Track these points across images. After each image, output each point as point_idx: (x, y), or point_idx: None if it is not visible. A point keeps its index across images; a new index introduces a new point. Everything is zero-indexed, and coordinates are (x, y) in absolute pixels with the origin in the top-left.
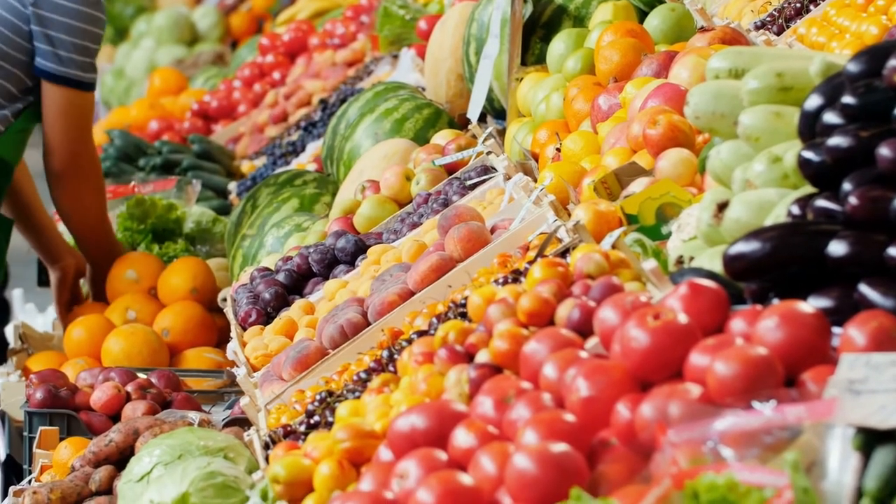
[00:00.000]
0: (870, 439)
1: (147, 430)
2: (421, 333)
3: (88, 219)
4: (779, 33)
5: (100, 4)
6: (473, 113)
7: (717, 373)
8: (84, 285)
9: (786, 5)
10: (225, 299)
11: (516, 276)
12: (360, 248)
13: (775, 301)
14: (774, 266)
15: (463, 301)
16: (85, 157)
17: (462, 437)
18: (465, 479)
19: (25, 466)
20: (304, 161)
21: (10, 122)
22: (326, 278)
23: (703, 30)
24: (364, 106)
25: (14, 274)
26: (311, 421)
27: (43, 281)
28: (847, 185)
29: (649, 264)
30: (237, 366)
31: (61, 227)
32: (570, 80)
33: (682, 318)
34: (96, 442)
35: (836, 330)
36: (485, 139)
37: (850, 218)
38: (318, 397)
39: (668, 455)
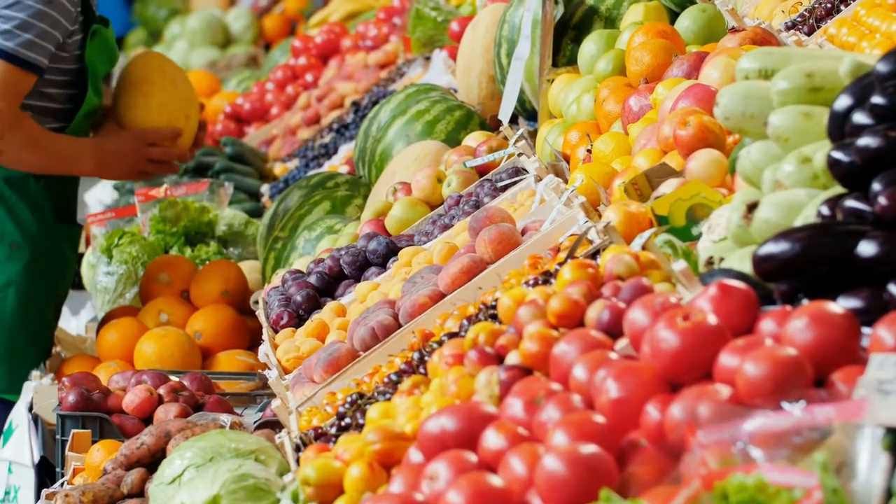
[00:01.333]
0: None
1: (178, 433)
2: (451, 335)
3: (44, 166)
4: (809, 33)
5: None
6: (505, 115)
7: (747, 373)
8: None
9: (816, 5)
10: (257, 302)
11: (546, 277)
12: (392, 250)
13: (805, 301)
14: (804, 267)
15: (493, 303)
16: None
17: (492, 439)
18: (495, 480)
19: (58, 469)
20: (337, 163)
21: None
22: (358, 280)
23: (733, 30)
24: (396, 108)
25: None
26: (342, 423)
27: (76, 283)
28: (877, 186)
29: (679, 265)
30: (269, 368)
31: None
32: (601, 81)
33: (712, 319)
34: (128, 445)
35: (865, 330)
36: (516, 141)
37: (879, 218)
38: (348, 399)
39: (698, 456)
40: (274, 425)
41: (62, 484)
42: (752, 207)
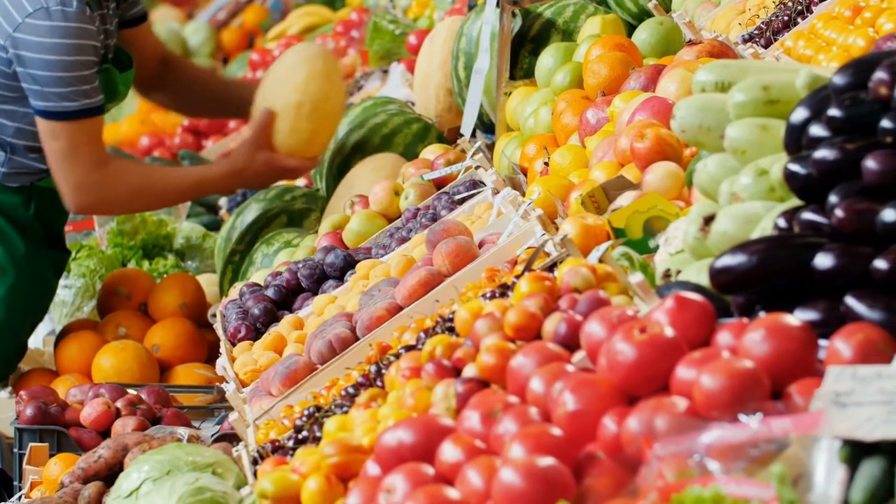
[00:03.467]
0: (856, 452)
1: (136, 446)
2: (409, 348)
3: (161, 206)
4: (766, 46)
5: (70, 30)
6: (466, 128)
7: (704, 386)
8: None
9: (773, 18)
10: (215, 315)
11: (504, 290)
12: (349, 263)
13: (762, 314)
14: (761, 279)
15: (450, 315)
16: (103, 184)
17: (449, 452)
18: (452, 493)
19: (16, 483)
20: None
21: None
22: (315, 293)
23: (690, 43)
24: (353, 121)
25: None
26: (300, 436)
27: None
28: (833, 198)
29: (636, 278)
30: (226, 381)
31: None
32: (559, 94)
33: (669, 332)
34: (85, 458)
35: (822, 342)
36: (473, 154)
37: (836, 230)
38: (306, 412)
39: (655, 468)
40: (231, 438)
41: (20, 497)
42: (708, 220)
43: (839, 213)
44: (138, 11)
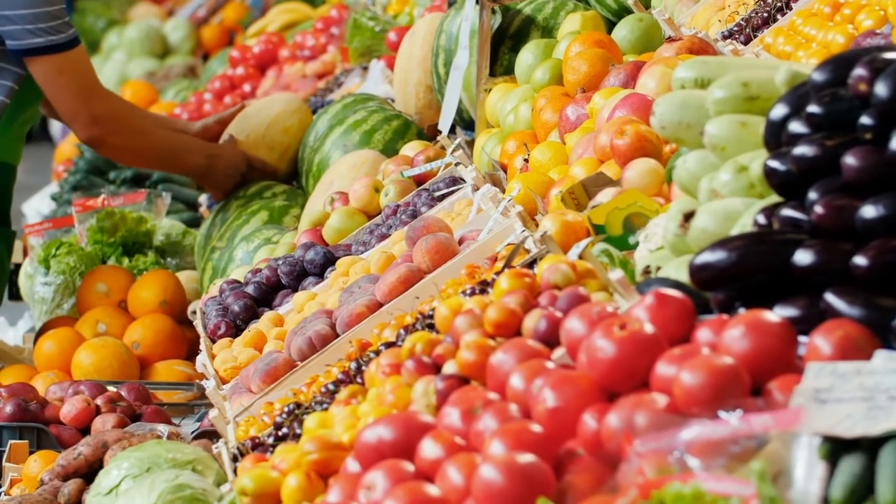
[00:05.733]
0: (836, 448)
1: (116, 444)
2: (388, 345)
3: (152, 156)
4: (746, 43)
5: None
6: (445, 125)
7: (684, 382)
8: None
9: (753, 15)
10: (195, 312)
11: (484, 287)
12: (329, 260)
13: (741, 310)
14: (740, 275)
15: (430, 312)
16: (105, 111)
17: (429, 449)
18: (433, 490)
19: None
20: None
21: None
22: (296, 290)
23: (670, 40)
24: (333, 118)
25: None
26: (280, 433)
27: (13, 294)
28: (813, 195)
29: (616, 274)
30: (206, 378)
31: None
32: (539, 90)
33: (649, 328)
34: (65, 455)
35: (802, 339)
36: (453, 150)
37: (815, 227)
38: (286, 409)
39: (635, 465)
40: (211, 435)
41: None
42: (688, 216)
43: (819, 209)
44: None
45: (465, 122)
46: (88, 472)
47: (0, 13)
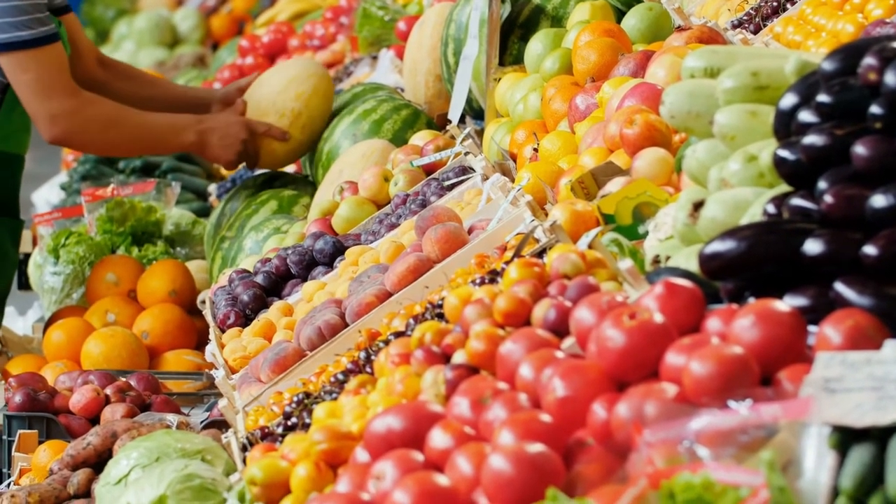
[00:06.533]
0: (845, 438)
1: (125, 433)
2: (398, 334)
3: (133, 146)
4: (755, 32)
5: None
6: (455, 114)
7: (693, 372)
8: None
9: (762, 4)
10: (204, 301)
11: (493, 276)
12: (339, 250)
13: (751, 300)
14: (750, 265)
15: (440, 302)
16: (65, 109)
17: (438, 438)
18: (442, 479)
19: (5, 470)
20: None
21: None
22: (305, 280)
23: (680, 29)
24: (342, 107)
25: None
26: (289, 423)
27: (23, 284)
28: (822, 184)
29: (625, 264)
30: (216, 368)
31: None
32: (548, 80)
33: (658, 318)
34: (74, 445)
35: (811, 328)
36: (463, 140)
37: (825, 216)
38: (295, 399)
39: (644, 455)
40: (221, 425)
41: (9, 485)
42: (698, 206)
43: (828, 198)
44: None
45: (474, 112)
46: (98, 461)
47: None
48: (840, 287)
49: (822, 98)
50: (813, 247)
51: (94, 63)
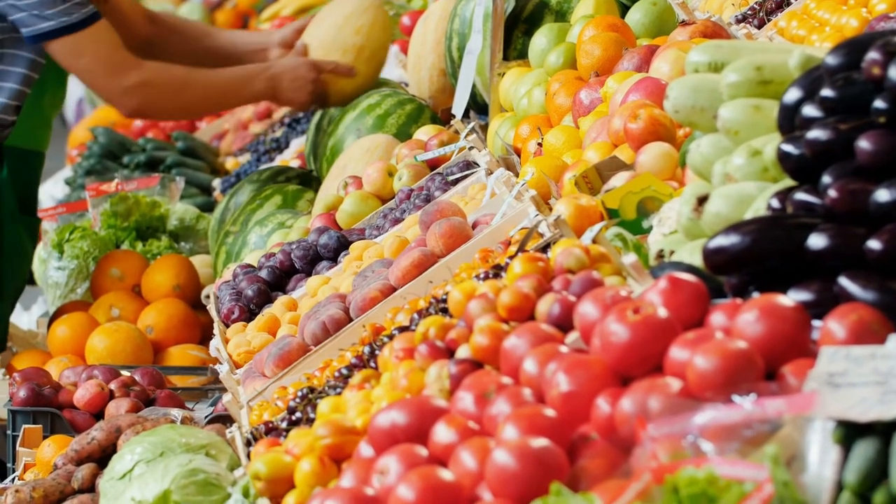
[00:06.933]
0: (850, 432)
1: (129, 428)
2: (402, 329)
3: (205, 105)
4: (759, 27)
5: None
6: (458, 109)
7: (697, 367)
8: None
9: None
10: (208, 296)
11: (497, 271)
12: (343, 245)
13: (755, 294)
14: (754, 259)
15: (444, 296)
16: (136, 80)
17: (442, 433)
18: (446, 474)
19: (9, 465)
20: (288, 157)
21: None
22: (309, 275)
23: (684, 24)
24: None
25: None
26: (293, 417)
27: (28, 279)
28: (826, 178)
29: (629, 258)
30: (220, 363)
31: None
32: (552, 74)
33: (662, 313)
34: (79, 440)
35: (815, 323)
36: (467, 134)
37: (829, 211)
38: (299, 394)
39: (648, 449)
40: (225, 420)
41: (13, 480)
42: (702, 200)
43: (832, 193)
44: None
45: (478, 106)
46: (102, 456)
47: (7, 1)
48: (844, 282)
49: (826, 93)
50: (817, 241)
51: (144, 22)
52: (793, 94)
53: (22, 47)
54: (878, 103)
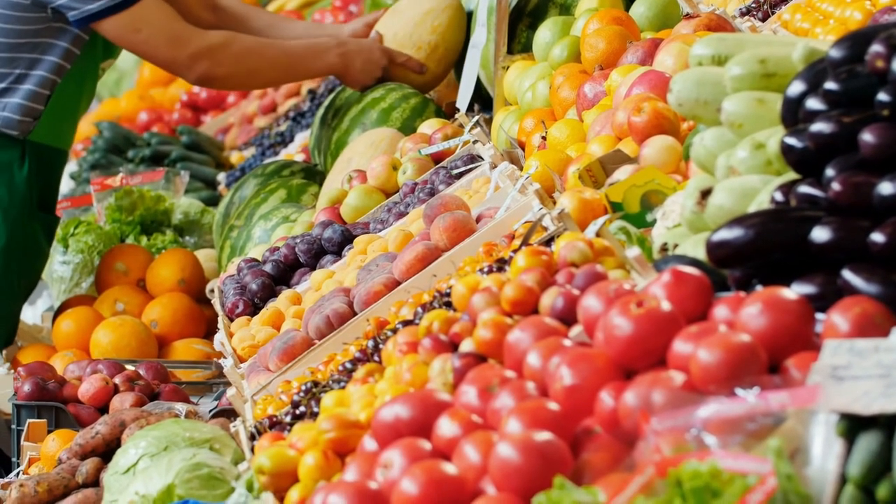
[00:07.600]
0: (853, 425)
1: (133, 422)
2: (406, 323)
3: (273, 73)
4: (764, 20)
5: None
6: (463, 102)
7: (701, 360)
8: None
9: None
10: (213, 290)
11: (501, 264)
12: (347, 238)
13: (759, 288)
14: (758, 253)
15: (448, 290)
16: (200, 46)
17: (446, 427)
18: (449, 468)
19: (14, 459)
20: (293, 151)
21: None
22: (313, 269)
23: (688, 17)
24: (351, 96)
25: None
26: (297, 411)
27: None
28: (830, 171)
29: (633, 252)
30: (224, 357)
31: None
32: (556, 68)
33: (666, 306)
34: (83, 434)
35: (819, 316)
36: (471, 128)
37: (833, 204)
38: (303, 388)
39: (652, 443)
40: (229, 414)
41: (18, 474)
42: (705, 194)
43: (836, 186)
44: None
45: (482, 100)
46: (106, 450)
47: None
48: (848, 275)
49: (830, 85)
50: (820, 234)
51: (204, 9)
52: (796, 87)
53: (59, 36)
54: (882, 96)
